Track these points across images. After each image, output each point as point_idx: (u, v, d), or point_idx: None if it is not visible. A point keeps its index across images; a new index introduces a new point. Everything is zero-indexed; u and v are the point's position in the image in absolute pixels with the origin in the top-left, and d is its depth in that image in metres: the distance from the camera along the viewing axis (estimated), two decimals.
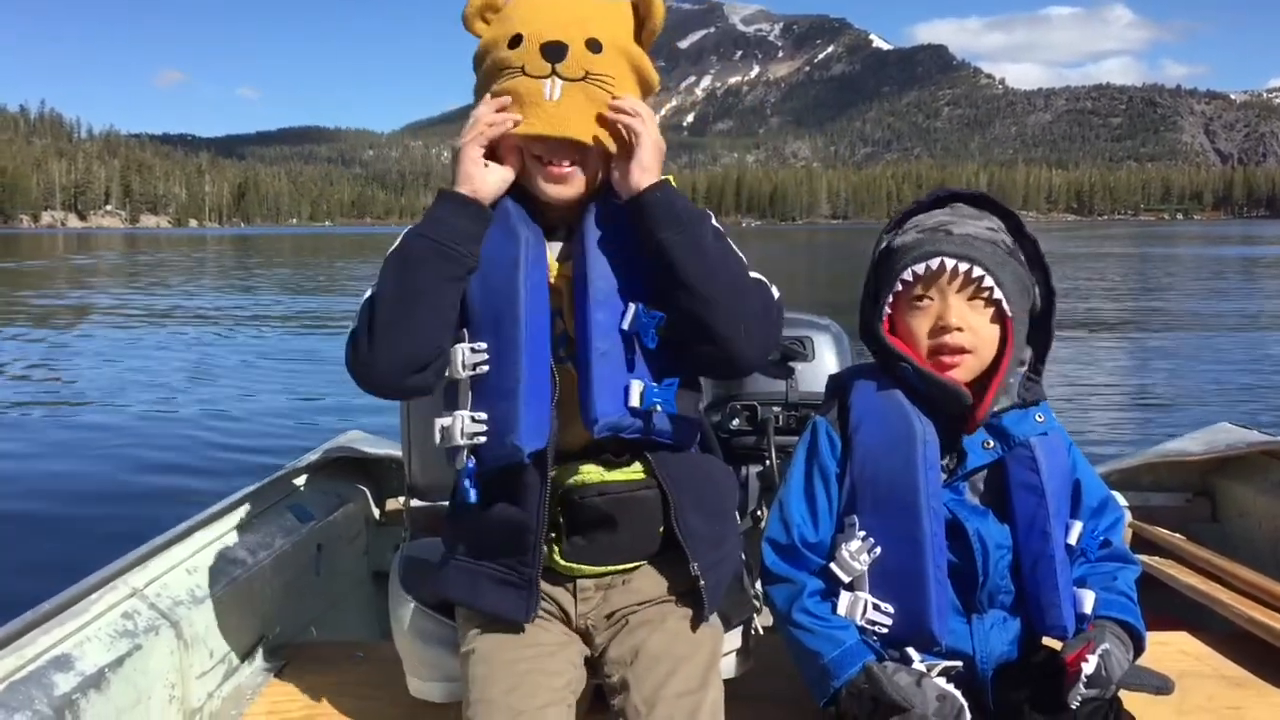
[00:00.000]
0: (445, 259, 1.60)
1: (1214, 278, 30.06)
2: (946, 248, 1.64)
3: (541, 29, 1.61)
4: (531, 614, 1.67)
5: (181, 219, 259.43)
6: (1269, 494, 2.89)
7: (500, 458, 1.60)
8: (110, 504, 6.20)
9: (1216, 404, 9.53)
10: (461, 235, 1.61)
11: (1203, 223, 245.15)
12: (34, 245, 77.01)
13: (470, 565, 1.71)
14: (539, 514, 1.63)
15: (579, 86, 1.60)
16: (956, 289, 1.64)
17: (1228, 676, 2.24)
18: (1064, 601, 1.65)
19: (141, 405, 9.84)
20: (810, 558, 1.69)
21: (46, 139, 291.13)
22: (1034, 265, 1.72)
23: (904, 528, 1.63)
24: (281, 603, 2.42)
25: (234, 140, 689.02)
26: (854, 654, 1.62)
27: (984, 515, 1.68)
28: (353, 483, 3.00)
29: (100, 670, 1.79)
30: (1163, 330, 16.15)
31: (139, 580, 2.04)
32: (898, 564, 1.63)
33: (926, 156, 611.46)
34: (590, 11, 1.65)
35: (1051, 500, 1.66)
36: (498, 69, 1.64)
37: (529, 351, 1.60)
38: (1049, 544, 1.65)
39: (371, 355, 1.59)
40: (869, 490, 1.67)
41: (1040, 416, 1.72)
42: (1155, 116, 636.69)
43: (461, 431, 1.60)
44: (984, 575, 1.66)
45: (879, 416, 1.70)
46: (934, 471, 1.64)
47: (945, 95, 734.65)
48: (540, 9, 1.64)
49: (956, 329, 1.63)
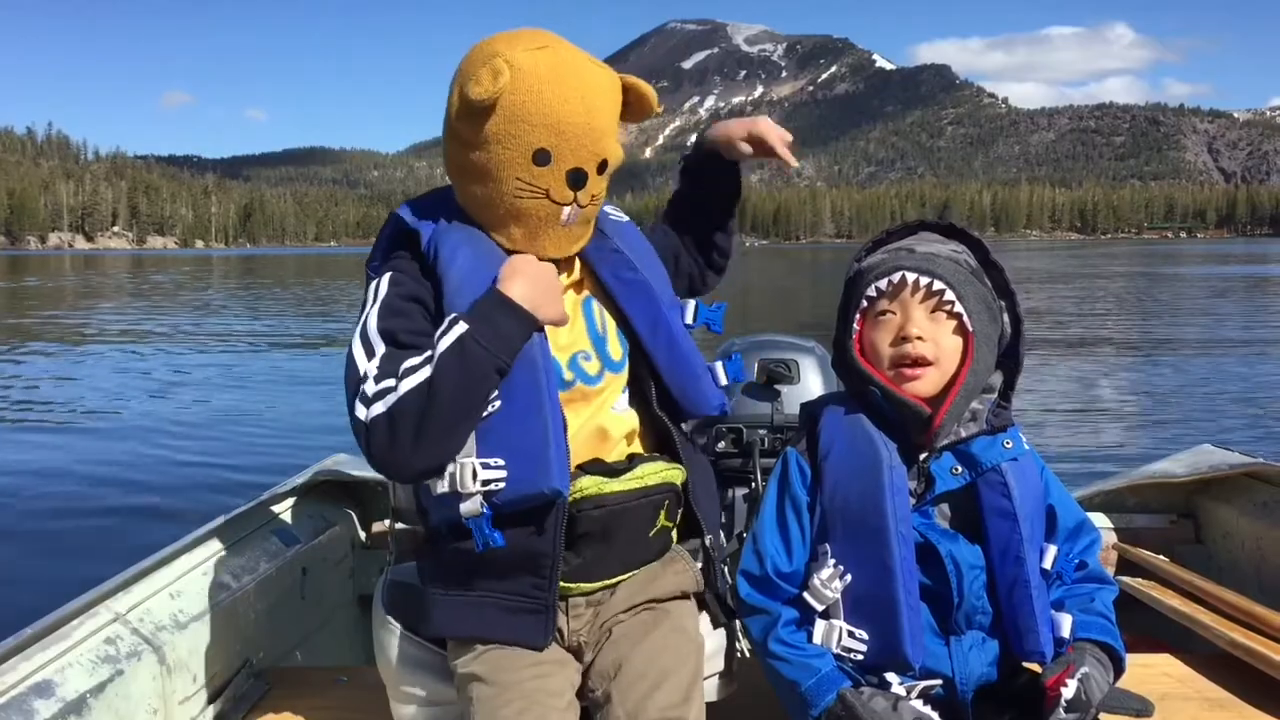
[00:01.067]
0: (501, 375, 1.59)
1: (1216, 296, 30.03)
2: (908, 263, 1.68)
3: (568, 154, 1.61)
4: (550, 637, 1.66)
5: (188, 240, 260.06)
6: (1252, 515, 2.89)
7: (526, 500, 1.58)
8: (87, 520, 6.26)
9: (1204, 425, 9.60)
10: (516, 353, 1.60)
11: (1206, 241, 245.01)
12: (40, 265, 77.28)
13: (472, 598, 1.67)
14: (557, 539, 1.62)
15: (585, 212, 1.69)
16: (918, 301, 1.66)
17: (1210, 699, 2.23)
18: (1041, 626, 1.65)
19: (116, 425, 9.91)
20: (784, 587, 1.70)
21: (54, 160, 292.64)
22: (1002, 293, 1.74)
23: (874, 554, 1.63)
24: (266, 627, 2.42)
25: (240, 161, 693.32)
26: (829, 681, 1.62)
27: (954, 538, 1.68)
28: (338, 506, 3.00)
29: (82, 696, 1.79)
30: (1151, 351, 16.23)
31: (122, 605, 2.04)
32: (869, 590, 1.64)
33: (930, 176, 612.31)
34: (605, 126, 1.65)
35: (1024, 524, 1.66)
36: (514, 177, 1.62)
37: (548, 389, 1.61)
38: (1024, 569, 1.65)
39: (414, 456, 1.54)
40: (839, 518, 1.68)
41: (1009, 443, 1.71)
42: (1158, 135, 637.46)
43: (474, 478, 1.57)
44: (959, 596, 1.66)
45: (846, 444, 1.71)
46: (901, 497, 1.65)
47: (949, 115, 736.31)
48: (567, 124, 1.60)
49: (917, 338, 1.65)
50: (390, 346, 1.60)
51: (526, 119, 1.59)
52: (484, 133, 1.61)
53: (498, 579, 1.66)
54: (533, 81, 1.59)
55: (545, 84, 1.59)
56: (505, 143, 1.61)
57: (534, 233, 1.67)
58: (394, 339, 1.61)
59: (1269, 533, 2.80)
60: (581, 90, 1.61)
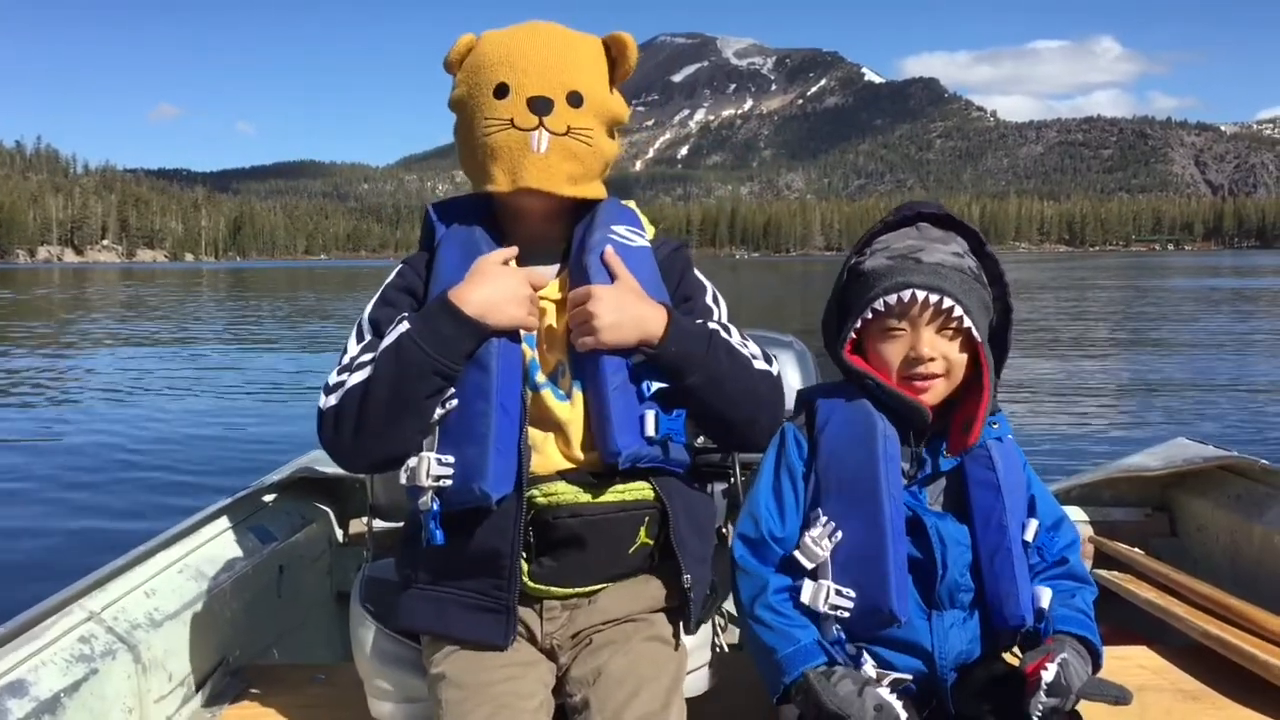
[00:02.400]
0: (443, 378, 1.61)
1: (1202, 305, 30.29)
2: (916, 278, 1.67)
3: (526, 82, 1.66)
4: (511, 638, 1.66)
5: (178, 253, 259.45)
6: (1226, 508, 2.92)
7: (466, 502, 1.61)
8: (59, 523, 6.22)
9: (1181, 418, 9.75)
10: (461, 356, 1.62)
11: (1193, 253, 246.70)
12: (29, 278, 77.00)
13: (435, 593, 1.70)
14: (515, 540, 1.63)
15: (562, 141, 1.68)
16: (927, 320, 1.68)
17: (1185, 690, 2.25)
18: (1022, 593, 1.67)
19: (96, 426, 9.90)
20: (777, 550, 1.72)
21: (43, 174, 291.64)
22: (994, 281, 1.76)
23: (865, 512, 1.66)
24: (242, 625, 2.41)
25: (229, 174, 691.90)
26: (806, 654, 1.63)
27: (943, 516, 1.72)
28: (316, 503, 2.99)
29: (56, 695, 1.78)
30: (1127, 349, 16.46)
31: (96, 604, 2.03)
32: (858, 548, 1.66)
33: (919, 188, 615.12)
34: (570, 62, 1.70)
35: (1008, 496, 1.70)
36: (483, 117, 1.69)
37: (500, 390, 1.62)
38: (1006, 537, 1.69)
39: (355, 450, 1.63)
40: (833, 481, 1.70)
41: (995, 424, 1.76)
42: (1146, 148, 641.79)
43: (427, 473, 1.61)
44: (943, 569, 1.68)
45: (844, 418, 1.74)
46: (894, 464, 1.68)
47: (937, 128, 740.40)
48: (522, 58, 1.68)
49: (930, 359, 1.67)
50: (374, 336, 1.68)
51: (484, 63, 1.71)
52: (459, 95, 1.73)
53: (461, 577, 1.68)
54: (495, 37, 1.73)
55: (505, 35, 1.72)
56: (471, 91, 1.71)
57: (512, 167, 1.68)
58: (378, 328, 1.69)
59: (1242, 526, 2.83)
60: (543, 34, 1.72)
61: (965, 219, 1.77)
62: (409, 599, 1.72)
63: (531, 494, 1.66)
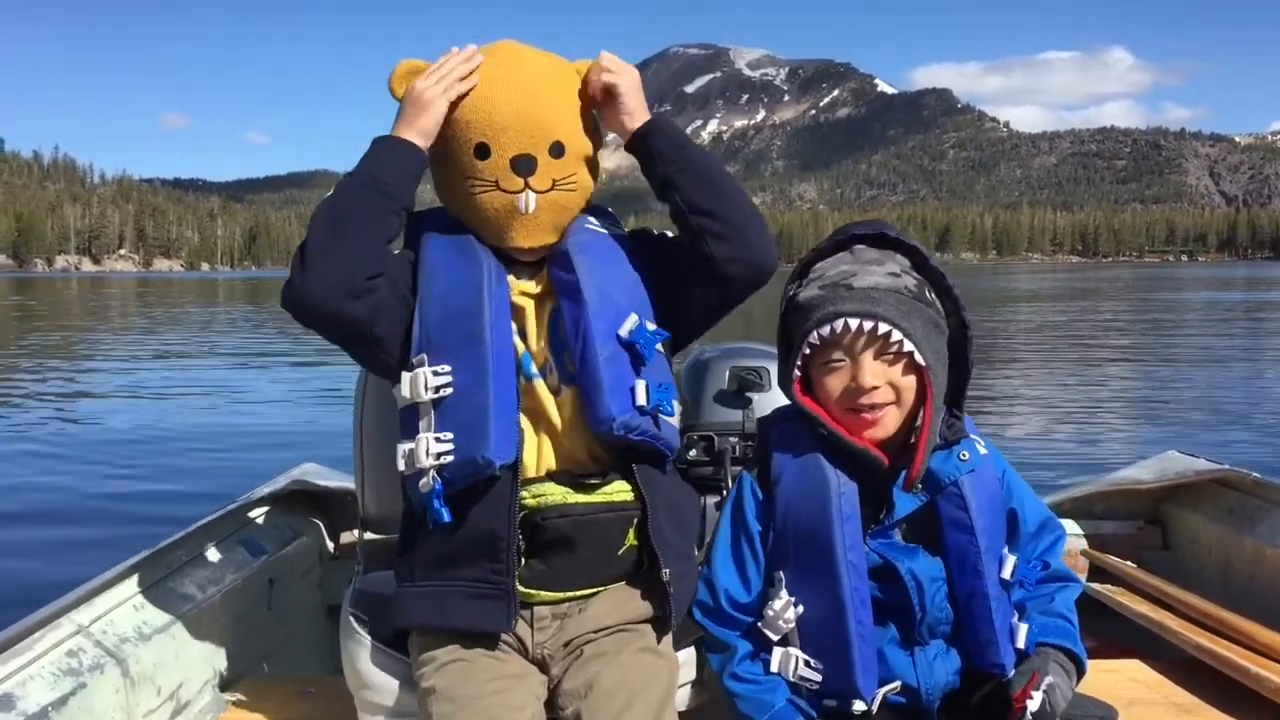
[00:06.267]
0: (374, 191, 1.64)
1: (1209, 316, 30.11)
2: (847, 306, 1.61)
3: (507, 141, 1.66)
4: (512, 622, 1.66)
5: (194, 263, 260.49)
6: (1218, 521, 2.91)
7: (469, 474, 1.61)
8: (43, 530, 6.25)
9: (1170, 431, 9.72)
10: (390, 171, 1.65)
11: (1207, 264, 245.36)
12: (47, 288, 77.55)
13: (434, 588, 1.70)
14: (511, 522, 1.64)
15: (548, 197, 1.69)
16: (864, 346, 1.62)
17: (1178, 704, 2.24)
18: (1000, 638, 1.65)
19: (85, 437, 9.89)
20: (740, 618, 1.71)
21: (60, 184, 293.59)
22: (945, 296, 1.70)
23: (824, 586, 1.64)
24: (232, 638, 2.41)
25: (244, 184, 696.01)
26: (781, 718, 1.64)
27: (914, 553, 1.68)
28: (306, 516, 2.99)
29: (43, 710, 1.77)
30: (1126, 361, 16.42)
31: (84, 617, 2.02)
32: (821, 622, 1.64)
33: (932, 199, 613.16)
34: (550, 108, 1.68)
35: (982, 537, 1.65)
36: (463, 176, 1.69)
37: (496, 366, 1.63)
38: (981, 581, 1.65)
39: (304, 277, 1.59)
40: (790, 546, 1.68)
41: (965, 454, 1.69)
42: (1160, 159, 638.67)
43: (427, 452, 1.61)
44: (922, 611, 1.66)
45: (797, 469, 1.70)
46: (851, 524, 1.64)
47: (950, 138, 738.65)
48: (500, 115, 1.66)
49: (872, 388, 1.62)
50: None
51: (461, 120, 1.68)
52: (437, 150, 1.71)
53: (460, 567, 1.68)
54: (473, 93, 1.68)
55: (481, 86, 1.68)
56: (450, 149, 1.70)
57: (499, 229, 1.71)
58: None
59: (1235, 539, 2.81)
60: (517, 80, 1.68)
61: (903, 235, 1.70)
62: (408, 597, 1.73)
63: (521, 496, 1.66)
